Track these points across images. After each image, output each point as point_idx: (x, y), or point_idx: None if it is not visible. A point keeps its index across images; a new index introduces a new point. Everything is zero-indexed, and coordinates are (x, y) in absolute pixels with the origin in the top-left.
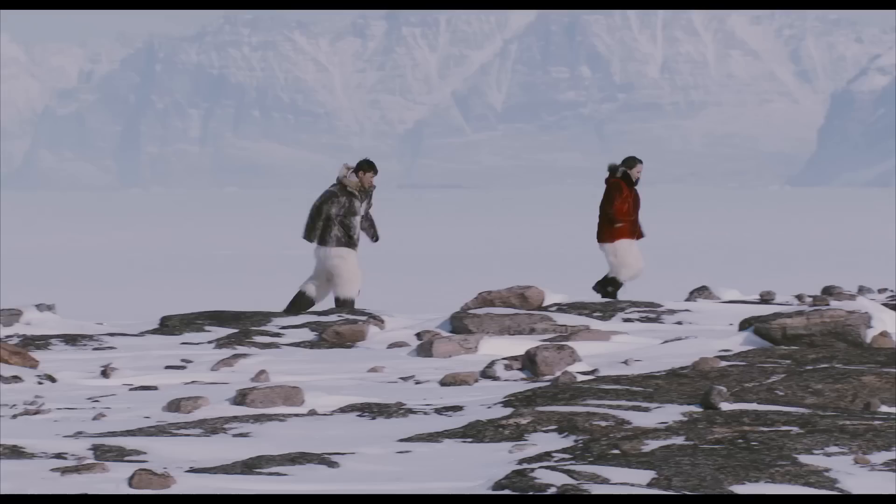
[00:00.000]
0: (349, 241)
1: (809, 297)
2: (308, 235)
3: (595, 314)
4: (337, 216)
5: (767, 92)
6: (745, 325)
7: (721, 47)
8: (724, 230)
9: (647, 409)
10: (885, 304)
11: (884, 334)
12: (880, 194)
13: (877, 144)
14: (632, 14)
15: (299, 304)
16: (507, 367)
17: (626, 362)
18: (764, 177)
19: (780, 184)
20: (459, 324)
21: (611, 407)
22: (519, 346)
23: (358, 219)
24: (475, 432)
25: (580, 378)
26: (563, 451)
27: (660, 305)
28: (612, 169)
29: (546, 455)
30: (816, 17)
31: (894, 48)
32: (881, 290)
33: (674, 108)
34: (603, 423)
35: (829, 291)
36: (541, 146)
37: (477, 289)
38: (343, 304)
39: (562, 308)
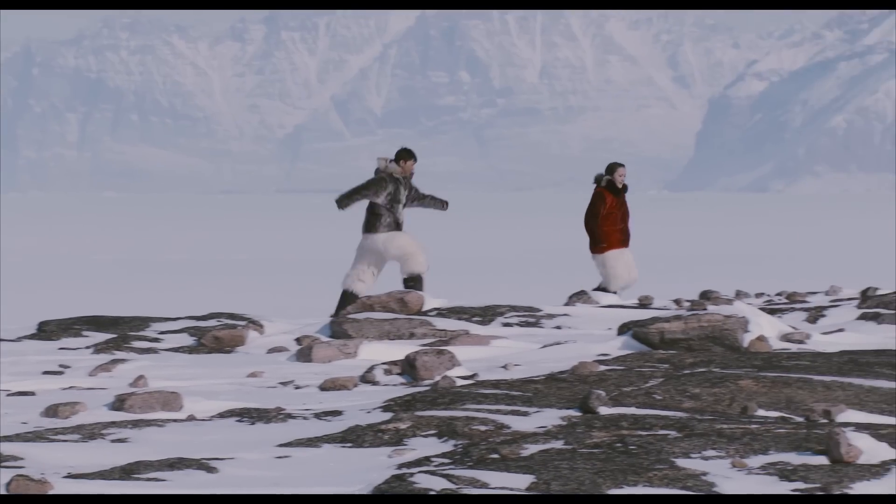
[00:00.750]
0: (397, 227)
1: (687, 301)
2: (340, 202)
3: (475, 319)
4: (384, 205)
5: (645, 97)
6: (623, 329)
7: (599, 52)
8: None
9: (526, 414)
10: (762, 309)
11: (760, 338)
12: (757, 199)
13: (753, 149)
14: (511, 19)
15: (346, 302)
16: (387, 372)
17: (505, 367)
18: (642, 181)
19: (659, 188)
20: (339, 329)
21: (490, 411)
22: (398, 350)
23: (401, 206)
24: (354, 437)
25: (459, 382)
26: (443, 455)
27: (539, 310)
28: (597, 178)
29: (425, 460)
30: (694, 22)
31: (771, 54)
32: (758, 295)
33: (553, 113)
34: (482, 428)
35: (706, 296)
36: (420, 151)
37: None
38: (414, 281)
39: (441, 313)
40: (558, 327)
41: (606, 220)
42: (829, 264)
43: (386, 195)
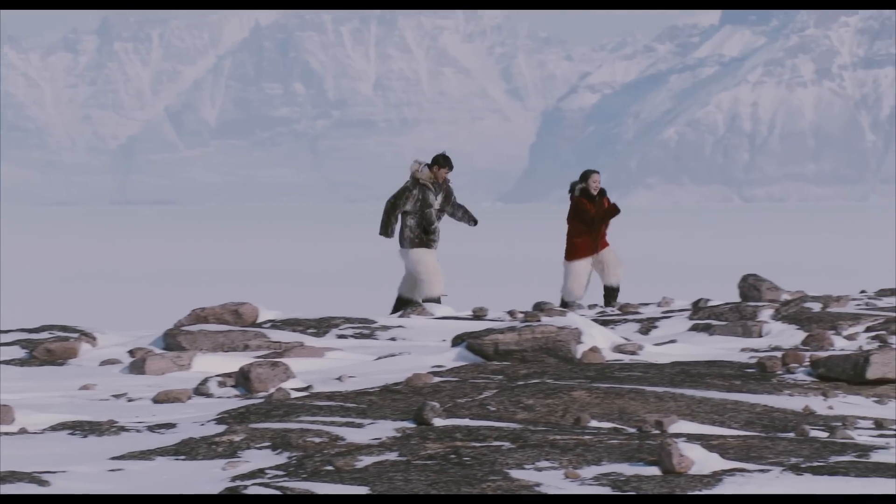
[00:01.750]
0: (425, 240)
1: (521, 312)
2: (383, 231)
3: (309, 331)
4: (413, 212)
5: (479, 109)
6: (457, 340)
7: (433, 65)
8: (439, 246)
9: (360, 426)
10: (595, 320)
11: (594, 349)
12: None
13: (587, 161)
14: (345, 31)
15: (401, 305)
16: (221, 384)
17: (340, 378)
18: (477, 193)
19: (493, 200)
20: (173, 340)
21: (325, 423)
22: (233, 362)
23: (433, 211)
24: (188, 449)
25: (294, 394)
26: (277, 467)
27: (374, 322)
28: (572, 187)
29: (260, 472)
30: (527, 35)
31: (603, 66)
32: (591, 306)
33: (387, 124)
34: (317, 440)
35: (540, 307)
36: (255, 162)
37: (191, 305)
38: (406, 304)
39: (276, 325)
40: (393, 339)
41: (579, 228)
42: (661, 276)
43: (414, 202)
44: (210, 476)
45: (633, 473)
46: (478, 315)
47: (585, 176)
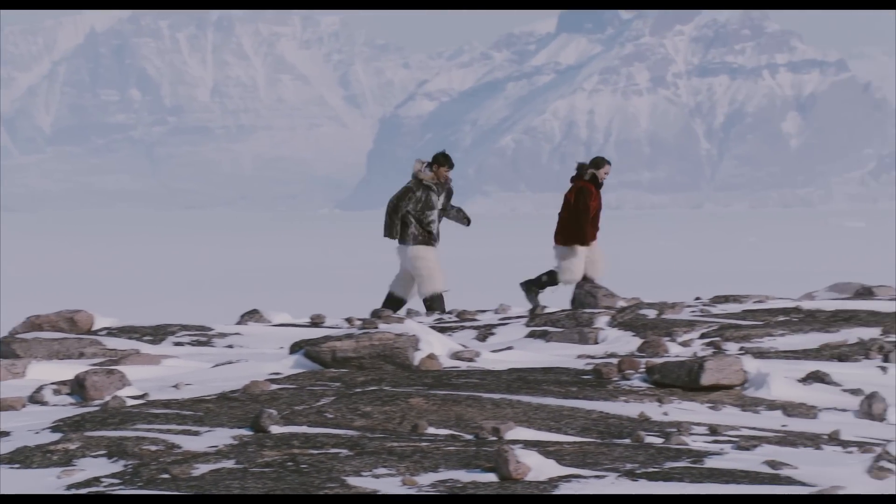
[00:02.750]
0: (427, 238)
1: (359, 320)
2: (388, 233)
3: (146, 338)
4: (414, 212)
5: (317, 116)
6: (295, 348)
7: (271, 71)
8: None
9: (197, 433)
10: (433, 327)
11: (431, 356)
12: None
13: None
14: (182, 37)
15: (391, 303)
16: (56, 392)
17: (176, 386)
18: (314, 200)
19: (331, 207)
20: (7, 348)
21: (161, 431)
22: (68, 370)
23: (436, 212)
24: (23, 458)
25: (130, 402)
26: (113, 475)
27: (210, 329)
28: (580, 171)
29: (95, 480)
30: (365, 42)
31: (441, 74)
32: (428, 313)
33: (224, 131)
34: (153, 448)
35: (377, 314)
36: (91, 169)
37: (25, 313)
38: (431, 302)
39: (112, 332)
40: (230, 346)
41: (588, 213)
42: (498, 283)
43: (415, 202)
44: (45, 485)
45: (470, 480)
46: (315, 322)
47: (599, 164)
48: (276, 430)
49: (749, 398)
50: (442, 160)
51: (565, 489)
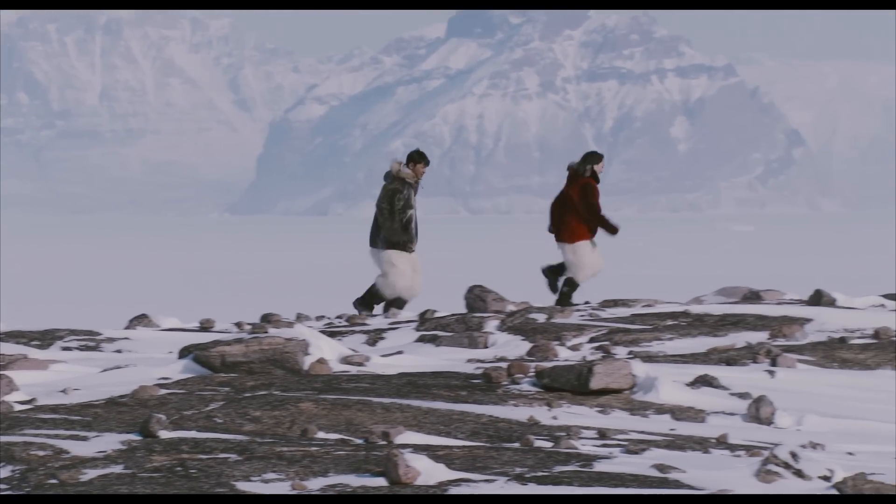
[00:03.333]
0: (401, 243)
1: (249, 324)
2: (408, 245)
3: (33, 343)
4: (397, 210)
5: (206, 120)
6: (184, 352)
7: (160, 75)
8: (164, 258)
9: (85, 438)
10: (323, 332)
11: (321, 361)
12: (318, 222)
13: (314, 173)
14: (69, 41)
15: (373, 297)
16: None
17: (64, 391)
18: (204, 205)
19: (220, 211)
20: None
21: (49, 436)
22: None
23: (414, 212)
24: None
25: (17, 407)
26: (0, 481)
27: (99, 334)
28: (580, 168)
29: None
30: (255, 46)
31: (331, 78)
32: (319, 318)
33: (113, 135)
34: (41, 453)
35: (267, 319)
36: None
37: None
38: (392, 304)
39: None
40: (119, 351)
41: (598, 208)
42: None
43: (399, 201)
44: None
45: (360, 484)
46: (205, 327)
47: (597, 159)
48: (165, 434)
49: (638, 402)
50: (418, 158)
51: (455, 493)
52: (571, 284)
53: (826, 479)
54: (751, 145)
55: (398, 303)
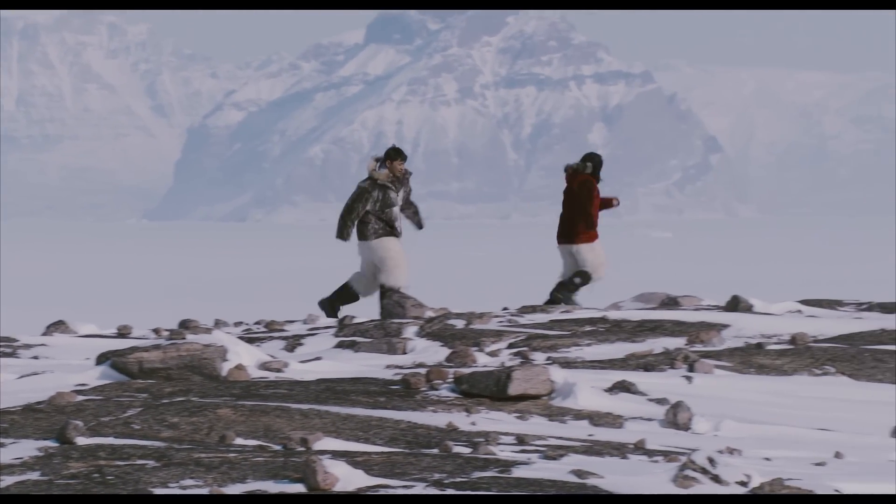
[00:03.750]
0: (391, 231)
1: (167, 330)
2: (340, 234)
3: None
4: (374, 211)
5: (124, 126)
6: (102, 359)
7: (77, 81)
8: (82, 264)
9: (2, 445)
10: (241, 338)
11: (239, 367)
12: (237, 228)
13: (233, 179)
14: None
15: (344, 295)
16: None
17: None
18: (122, 210)
19: (138, 218)
20: None
21: None
22: None
23: (397, 209)
24: None
25: None
26: None
27: (16, 340)
28: (580, 167)
29: None
30: (172, 52)
31: (249, 84)
32: (237, 324)
33: (30, 141)
34: None
35: (185, 325)
36: None
37: None
38: (389, 293)
39: None
40: (36, 357)
41: (597, 208)
42: (307, 293)
43: (374, 203)
44: None
45: (279, 491)
46: (122, 333)
47: (599, 159)
48: (82, 441)
49: (556, 408)
50: (394, 154)
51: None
52: (585, 277)
53: (743, 484)
54: (668, 152)
55: (350, 296)
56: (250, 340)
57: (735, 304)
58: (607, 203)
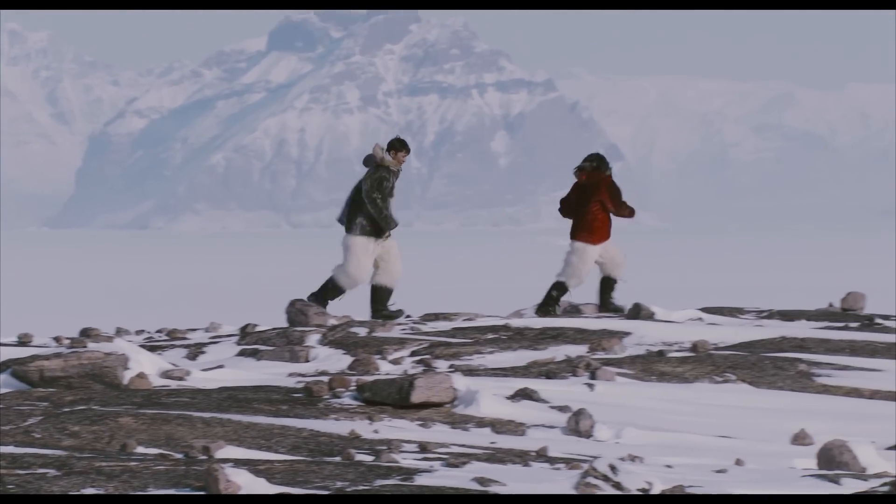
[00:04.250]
0: (371, 229)
1: (68, 338)
2: (388, 224)
3: None
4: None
5: (25, 133)
6: (2, 367)
7: None
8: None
9: None
10: (143, 346)
11: (141, 375)
12: (138, 235)
13: (135, 186)
14: None
15: (329, 290)
16: None
17: None
18: (22, 218)
19: (38, 225)
20: None
21: None
22: None
23: (393, 200)
24: None
25: None
26: None
27: None
28: (595, 167)
29: None
30: (73, 59)
31: (151, 91)
32: (138, 332)
33: None
34: None
35: (87, 333)
36: None
37: None
38: (332, 291)
39: None
40: None
41: (604, 210)
42: (209, 301)
43: (385, 189)
44: None
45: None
46: (23, 341)
47: (606, 161)
48: None
49: (459, 415)
50: (399, 146)
51: None
52: (563, 288)
53: (644, 491)
54: (570, 160)
55: (334, 292)
56: (152, 349)
57: (637, 312)
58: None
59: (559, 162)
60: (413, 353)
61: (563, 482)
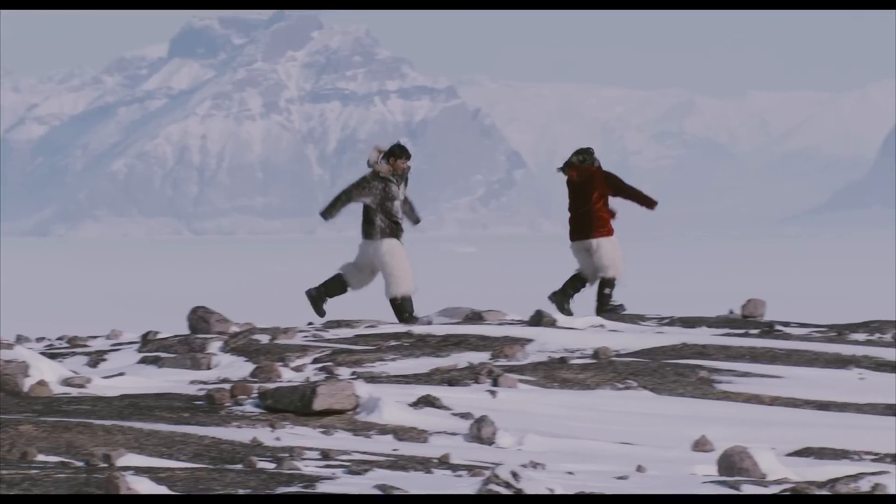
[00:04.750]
0: (395, 230)
1: None
2: (327, 212)
3: None
4: (375, 204)
5: None
6: None
7: None
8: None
9: None
10: (43, 353)
11: (41, 383)
12: (39, 242)
13: (35, 194)
14: None
15: (334, 286)
16: None
17: None
18: None
19: None
20: None
21: None
22: None
23: (398, 203)
24: None
25: None
26: None
27: None
28: (582, 160)
29: None
30: None
31: (51, 98)
32: (39, 339)
33: None
34: None
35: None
36: None
37: None
38: (401, 304)
39: None
40: None
41: (606, 203)
42: (110, 308)
43: (375, 194)
44: None
45: None
46: None
47: (593, 154)
48: None
49: (361, 423)
50: (399, 152)
51: None
52: (611, 284)
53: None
54: (472, 167)
55: (408, 304)
56: (52, 356)
57: (538, 319)
58: (648, 202)
59: (461, 169)
60: (315, 361)
61: (465, 489)
